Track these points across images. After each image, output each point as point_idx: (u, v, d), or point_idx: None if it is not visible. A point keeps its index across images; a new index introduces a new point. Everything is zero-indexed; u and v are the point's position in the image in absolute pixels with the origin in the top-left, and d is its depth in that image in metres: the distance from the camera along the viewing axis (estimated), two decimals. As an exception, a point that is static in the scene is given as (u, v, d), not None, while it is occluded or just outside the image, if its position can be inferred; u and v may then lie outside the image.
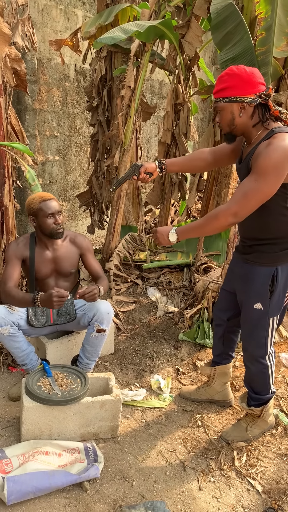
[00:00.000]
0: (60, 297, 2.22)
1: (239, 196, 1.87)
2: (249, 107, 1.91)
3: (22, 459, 2.02)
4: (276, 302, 2.08)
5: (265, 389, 2.27)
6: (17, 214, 4.58)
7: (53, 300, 2.22)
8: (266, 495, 2.05)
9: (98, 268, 2.67)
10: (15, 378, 2.77)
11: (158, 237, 2.03)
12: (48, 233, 2.49)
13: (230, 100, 1.90)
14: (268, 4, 2.88)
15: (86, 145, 5.33)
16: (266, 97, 1.90)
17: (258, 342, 2.17)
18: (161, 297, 3.64)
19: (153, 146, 6.79)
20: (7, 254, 2.52)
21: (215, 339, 2.52)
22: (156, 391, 2.73)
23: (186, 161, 2.33)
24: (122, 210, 3.94)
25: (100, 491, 2.00)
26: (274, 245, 2.02)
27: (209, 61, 7.75)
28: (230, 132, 2.00)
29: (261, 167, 1.82)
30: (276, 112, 1.92)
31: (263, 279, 2.05)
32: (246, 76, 1.88)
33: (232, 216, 1.88)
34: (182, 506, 1.97)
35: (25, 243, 2.55)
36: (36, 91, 4.58)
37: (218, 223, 1.91)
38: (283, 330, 3.18)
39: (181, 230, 2.00)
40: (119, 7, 3.68)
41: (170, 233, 1.99)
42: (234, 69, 1.91)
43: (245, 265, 2.14)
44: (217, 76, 1.98)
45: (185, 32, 3.62)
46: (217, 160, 2.27)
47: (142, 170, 2.19)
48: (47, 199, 2.48)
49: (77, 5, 4.94)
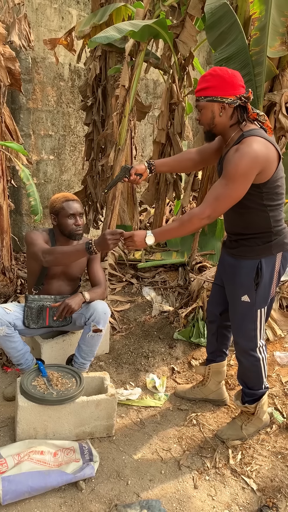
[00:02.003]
0: (114, 234, 2.11)
1: (211, 199, 1.95)
2: (229, 108, 1.98)
3: (17, 459, 2.01)
4: (262, 294, 2.14)
5: (258, 384, 2.29)
6: (12, 214, 4.57)
7: (108, 240, 2.11)
8: (261, 493, 2.06)
9: (100, 276, 2.65)
10: (10, 378, 2.76)
11: (135, 240, 2.04)
12: (67, 233, 2.49)
13: (212, 100, 1.97)
14: (262, 4, 2.89)
15: (81, 144, 5.32)
16: (246, 100, 1.97)
17: (247, 335, 2.21)
18: (156, 296, 3.65)
19: (148, 146, 6.79)
20: (33, 237, 2.44)
21: (209, 336, 2.55)
22: (151, 390, 2.73)
23: (174, 162, 2.40)
24: (117, 209, 3.93)
25: (95, 490, 2.00)
26: (257, 239, 2.09)
27: (204, 61, 7.76)
28: (209, 130, 2.07)
29: (230, 174, 1.90)
30: (254, 114, 2.01)
31: (248, 271, 2.12)
32: (228, 78, 1.95)
33: (206, 219, 1.97)
34: (177, 505, 1.98)
35: (47, 236, 2.53)
36: (30, 90, 4.57)
37: (192, 225, 2.00)
38: (277, 328, 3.20)
39: (158, 232, 2.06)
40: (113, 6, 3.68)
41: (147, 236, 2.03)
42: (217, 70, 1.98)
43: (232, 259, 2.21)
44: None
45: (180, 31, 3.62)
46: (203, 159, 2.34)
47: (132, 171, 2.23)
48: (71, 200, 2.50)
49: (71, 4, 4.93)
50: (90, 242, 2.19)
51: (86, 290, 2.53)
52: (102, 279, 2.65)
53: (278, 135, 3.18)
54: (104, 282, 2.65)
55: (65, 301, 2.38)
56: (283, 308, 3.39)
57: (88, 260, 2.65)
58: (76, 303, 2.40)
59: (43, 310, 2.50)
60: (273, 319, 3.25)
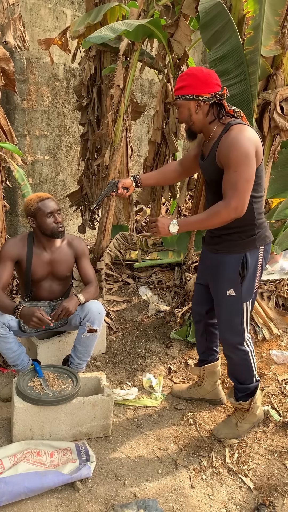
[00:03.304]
0: (40, 320, 2.22)
1: (230, 191, 1.97)
2: (205, 105, 2.05)
3: (14, 460, 2.01)
4: (247, 287, 2.17)
5: (249, 377, 2.31)
6: (7, 215, 4.56)
7: (32, 320, 2.22)
8: (257, 491, 2.06)
9: (90, 273, 2.63)
10: (6, 379, 2.75)
11: (159, 226, 2.06)
12: (49, 233, 2.45)
13: (187, 98, 2.04)
14: (256, 3, 2.89)
15: (76, 144, 5.31)
16: (221, 97, 2.03)
17: (234, 329, 2.23)
18: (152, 296, 3.65)
19: (143, 145, 6.79)
20: (2, 252, 2.46)
21: (197, 336, 2.56)
22: (148, 390, 2.73)
23: (159, 174, 2.48)
24: (113, 209, 3.93)
25: (92, 491, 2.00)
26: (241, 233, 2.12)
27: (199, 60, 7.76)
28: (189, 128, 2.13)
29: (235, 160, 1.94)
30: (231, 111, 2.08)
31: (234, 266, 2.14)
32: (202, 76, 2.02)
33: (233, 211, 1.97)
34: (174, 504, 1.98)
35: (22, 243, 2.51)
36: (25, 91, 4.56)
37: (219, 218, 2.00)
38: (274, 327, 3.20)
39: (183, 223, 2.07)
40: (107, 6, 3.68)
41: (171, 224, 2.05)
42: (192, 69, 2.07)
43: (215, 255, 2.23)
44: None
45: (174, 31, 3.62)
46: (186, 169, 2.42)
47: (119, 185, 2.29)
48: (45, 198, 2.46)
49: (65, 4, 4.92)
50: (19, 308, 2.26)
51: (80, 292, 2.52)
52: (92, 275, 2.64)
53: (272, 134, 3.18)
54: (95, 278, 2.64)
55: (62, 304, 2.38)
56: (279, 306, 3.40)
57: (76, 258, 2.62)
58: (73, 306, 2.39)
59: None
60: (270, 317, 3.26)
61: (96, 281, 2.64)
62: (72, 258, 2.61)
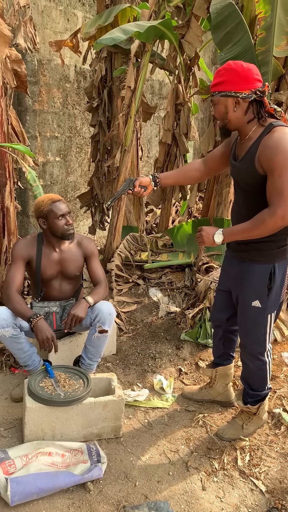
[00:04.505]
0: (49, 344, 2.30)
1: (275, 198, 1.86)
2: (244, 103, 1.93)
3: (25, 460, 2.02)
4: (273, 299, 2.10)
5: (262, 385, 2.28)
6: (18, 215, 4.58)
7: (42, 339, 2.29)
8: (269, 494, 2.05)
9: (99, 274, 2.63)
10: (18, 379, 2.77)
11: (203, 235, 2.02)
12: (59, 234, 2.47)
13: (225, 95, 1.93)
14: (268, 3, 2.89)
15: (87, 145, 5.33)
16: (261, 94, 1.91)
17: (257, 340, 2.17)
18: (162, 297, 3.64)
19: (153, 146, 6.79)
20: (13, 253, 2.48)
21: (215, 340, 2.52)
22: (159, 391, 2.73)
23: (180, 174, 2.37)
24: (123, 210, 3.94)
25: (103, 492, 2.00)
26: (272, 242, 2.02)
27: (209, 61, 7.75)
28: (224, 126, 2.01)
29: (279, 165, 1.83)
30: (271, 109, 1.95)
31: (261, 276, 2.06)
32: (242, 72, 1.90)
33: (281, 219, 1.86)
34: (185, 506, 1.97)
35: (32, 243, 2.53)
36: (36, 92, 4.59)
37: (266, 227, 1.90)
38: (285, 329, 3.18)
39: (228, 232, 2.00)
40: (118, 7, 3.68)
41: (216, 233, 1.99)
42: (231, 64, 1.93)
43: (241, 264, 2.14)
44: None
45: (185, 32, 3.62)
46: (210, 168, 2.30)
47: (136, 183, 2.22)
48: (57, 200, 2.47)
49: (76, 6, 4.94)
50: (33, 320, 2.30)
51: (89, 294, 2.52)
52: (101, 276, 2.63)
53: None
54: (104, 279, 2.64)
55: (71, 312, 2.39)
56: (291, 308, 3.37)
57: (85, 258, 2.63)
58: (82, 311, 2.40)
59: (50, 314, 2.52)
60: (281, 320, 3.23)
61: (106, 282, 2.64)
62: (81, 258, 2.62)
